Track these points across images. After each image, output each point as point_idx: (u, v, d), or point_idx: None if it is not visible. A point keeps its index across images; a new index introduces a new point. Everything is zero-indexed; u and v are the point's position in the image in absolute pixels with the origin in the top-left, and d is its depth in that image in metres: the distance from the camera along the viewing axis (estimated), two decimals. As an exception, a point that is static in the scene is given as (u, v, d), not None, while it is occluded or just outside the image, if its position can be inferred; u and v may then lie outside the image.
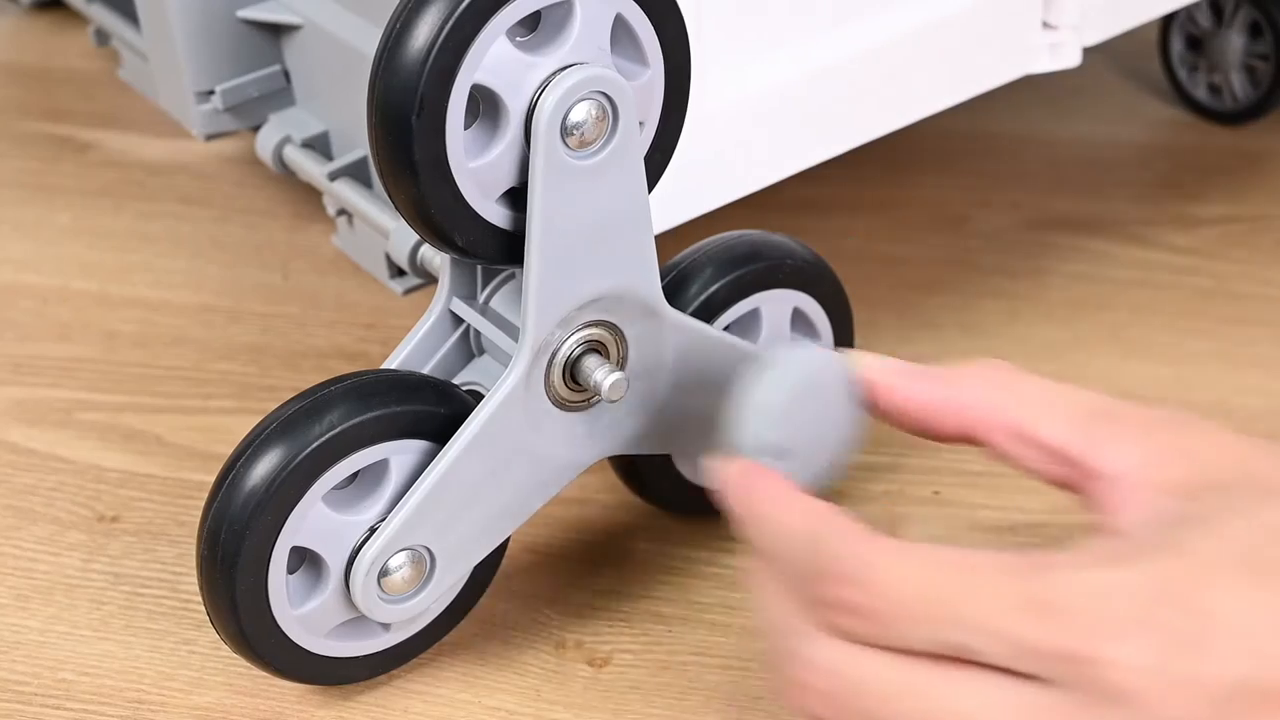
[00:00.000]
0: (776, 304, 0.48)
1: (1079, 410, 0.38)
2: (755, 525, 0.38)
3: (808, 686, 0.36)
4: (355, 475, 0.42)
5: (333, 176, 0.54)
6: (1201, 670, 0.33)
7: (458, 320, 0.46)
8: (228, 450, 0.42)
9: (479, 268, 0.45)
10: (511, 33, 0.39)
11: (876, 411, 0.41)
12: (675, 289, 0.47)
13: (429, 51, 0.38)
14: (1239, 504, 0.35)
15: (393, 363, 0.45)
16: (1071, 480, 0.38)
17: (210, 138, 0.57)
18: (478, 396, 0.43)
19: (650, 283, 0.43)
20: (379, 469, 0.43)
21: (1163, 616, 0.33)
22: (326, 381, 0.43)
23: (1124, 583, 0.33)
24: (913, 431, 0.40)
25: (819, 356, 0.40)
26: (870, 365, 0.41)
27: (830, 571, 0.35)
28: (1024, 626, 0.33)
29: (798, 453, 0.39)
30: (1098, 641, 0.33)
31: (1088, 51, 0.55)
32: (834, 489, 0.53)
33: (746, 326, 0.48)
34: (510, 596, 0.49)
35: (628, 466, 0.49)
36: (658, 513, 0.52)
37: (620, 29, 0.40)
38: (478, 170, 0.40)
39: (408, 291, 0.53)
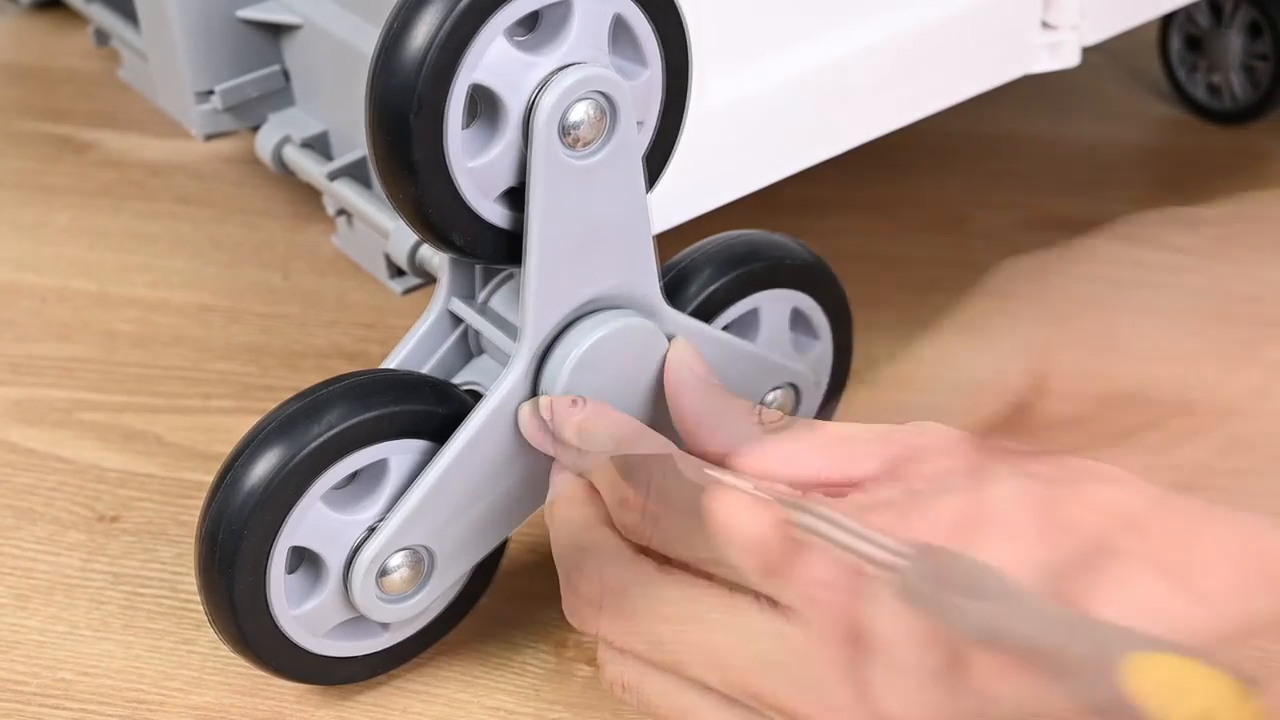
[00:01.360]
0: (776, 303, 0.48)
1: (828, 440, 0.40)
2: (573, 433, 0.41)
3: (586, 597, 0.39)
4: (354, 475, 0.42)
5: (332, 176, 0.54)
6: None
7: (456, 320, 0.46)
8: (227, 450, 0.42)
9: (478, 267, 0.45)
10: (510, 32, 0.39)
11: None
12: (674, 288, 0.47)
13: (427, 51, 0.38)
14: (953, 485, 0.37)
15: (392, 362, 0.45)
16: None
17: (210, 138, 0.57)
18: (476, 396, 0.43)
19: (649, 282, 0.43)
20: (378, 469, 0.43)
21: None
22: (325, 381, 0.43)
23: None
24: (682, 435, 0.43)
25: (640, 329, 0.43)
26: (674, 357, 0.44)
27: (634, 468, 0.39)
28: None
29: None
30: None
31: (1088, 51, 0.55)
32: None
33: (746, 326, 0.48)
34: (510, 596, 0.49)
35: (627, 466, 0.49)
36: (657, 513, 0.52)
37: (619, 29, 0.40)
38: (476, 170, 0.40)
39: (407, 291, 0.53)
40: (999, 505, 0.37)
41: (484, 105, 0.40)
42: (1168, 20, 0.73)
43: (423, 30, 0.38)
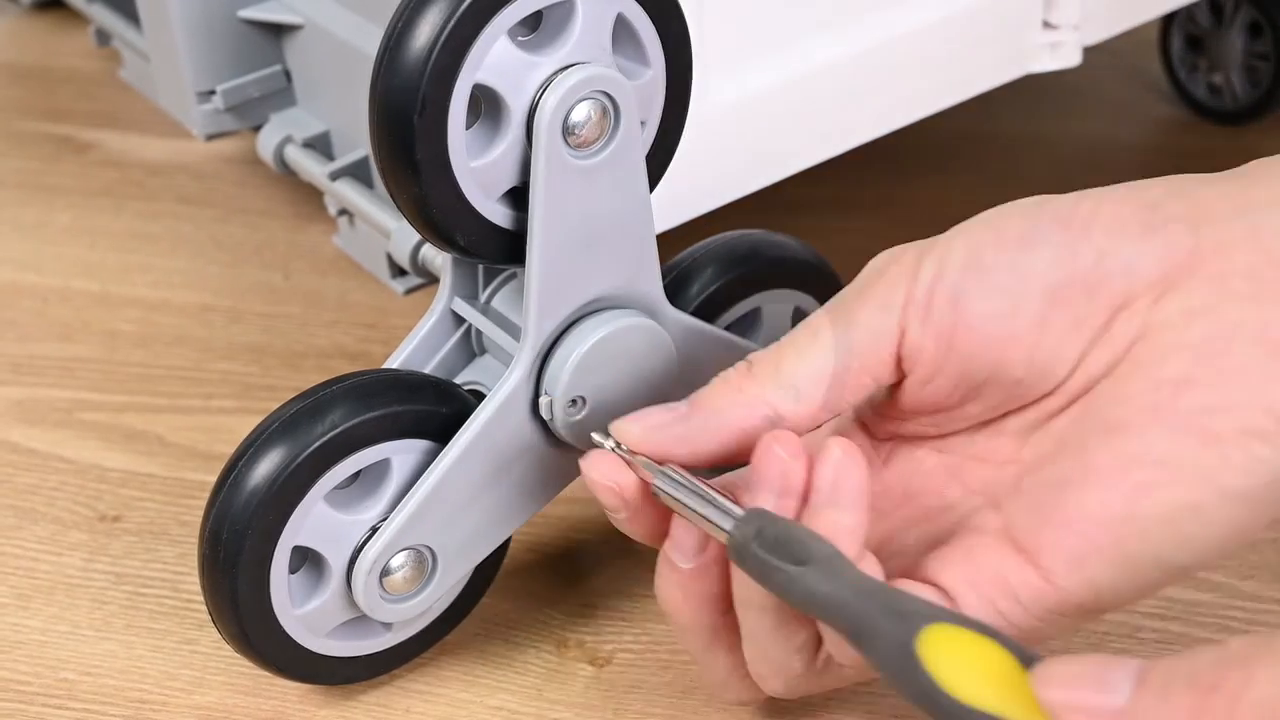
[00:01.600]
0: (777, 303, 0.48)
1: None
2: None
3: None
4: (357, 475, 0.43)
5: (334, 176, 0.54)
6: None
7: (459, 320, 0.46)
8: (229, 450, 0.42)
9: (480, 267, 0.45)
10: (513, 32, 0.39)
11: None
12: (676, 288, 0.47)
13: (430, 51, 0.38)
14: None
15: (394, 362, 0.45)
16: None
17: (211, 138, 0.57)
18: (479, 396, 0.43)
19: (651, 282, 0.43)
20: (381, 468, 0.43)
21: None
22: (328, 381, 0.43)
23: None
24: None
25: (642, 328, 0.43)
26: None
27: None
28: None
29: (598, 404, 0.43)
30: None
31: (1088, 51, 0.55)
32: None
33: (748, 326, 0.48)
34: (512, 596, 0.49)
35: (629, 466, 0.49)
36: (659, 512, 0.52)
37: (621, 28, 0.41)
38: (479, 170, 0.40)
39: (409, 291, 0.53)
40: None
41: (487, 105, 0.40)
42: (1168, 20, 0.73)
43: (426, 30, 0.38)
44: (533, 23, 0.40)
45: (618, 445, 0.40)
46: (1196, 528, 0.36)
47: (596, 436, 0.41)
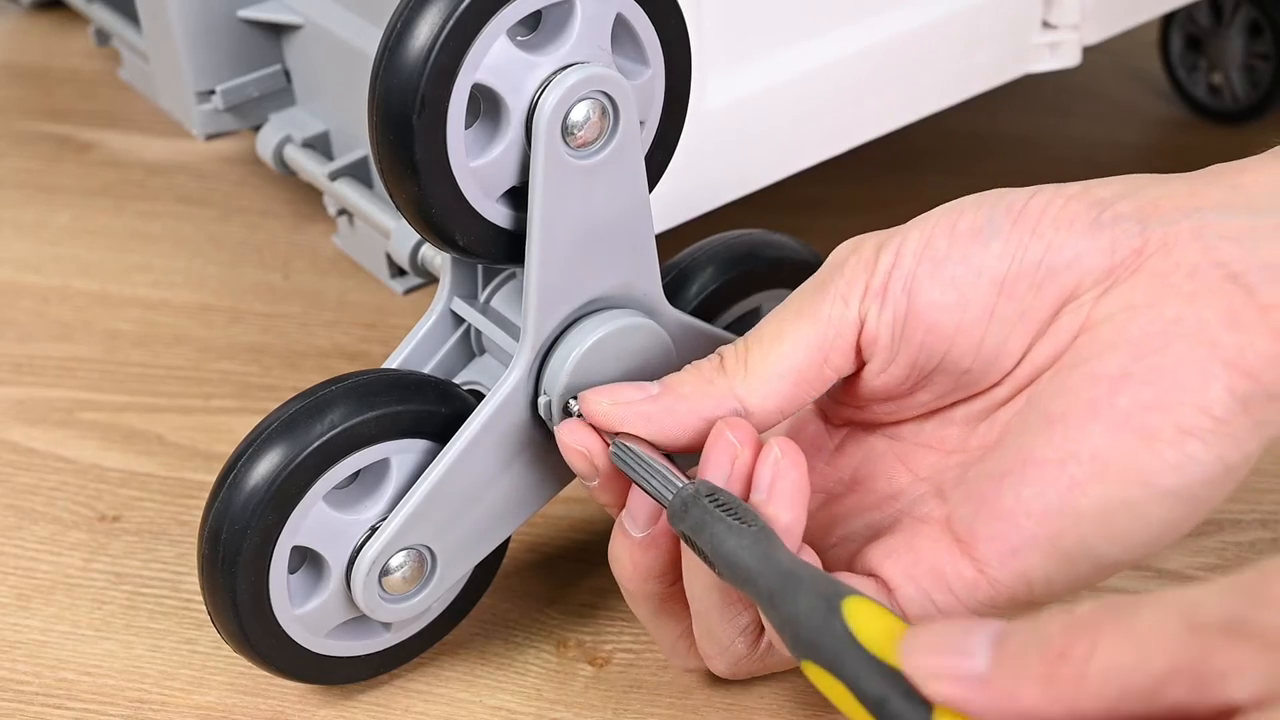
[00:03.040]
0: (776, 303, 0.48)
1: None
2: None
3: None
4: (356, 474, 0.43)
5: (333, 176, 0.54)
6: None
7: (458, 320, 0.46)
8: (229, 450, 0.42)
9: (480, 267, 0.45)
10: (512, 32, 0.39)
11: None
12: (676, 288, 0.47)
13: (429, 51, 0.38)
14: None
15: (394, 362, 0.45)
16: None
17: (210, 138, 0.57)
18: (479, 396, 0.43)
19: (651, 282, 0.44)
20: (380, 468, 0.43)
21: None
22: (327, 381, 0.43)
23: None
24: None
25: (641, 328, 0.43)
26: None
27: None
28: None
29: None
30: None
31: (1088, 51, 0.55)
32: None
33: (747, 325, 0.48)
34: (511, 596, 0.49)
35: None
36: (658, 512, 0.52)
37: (621, 28, 0.41)
38: (478, 170, 0.40)
39: (408, 291, 0.53)
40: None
41: (486, 105, 0.40)
42: (1168, 20, 0.73)
43: (425, 30, 0.38)
44: (532, 22, 0.40)
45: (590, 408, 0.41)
46: (1130, 524, 0.37)
47: (573, 404, 0.42)
